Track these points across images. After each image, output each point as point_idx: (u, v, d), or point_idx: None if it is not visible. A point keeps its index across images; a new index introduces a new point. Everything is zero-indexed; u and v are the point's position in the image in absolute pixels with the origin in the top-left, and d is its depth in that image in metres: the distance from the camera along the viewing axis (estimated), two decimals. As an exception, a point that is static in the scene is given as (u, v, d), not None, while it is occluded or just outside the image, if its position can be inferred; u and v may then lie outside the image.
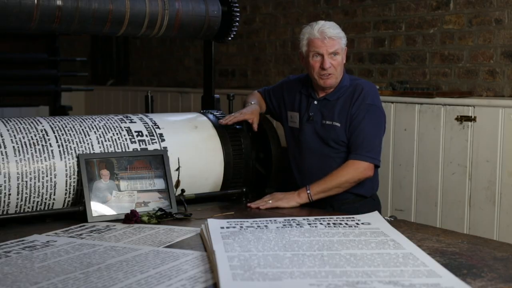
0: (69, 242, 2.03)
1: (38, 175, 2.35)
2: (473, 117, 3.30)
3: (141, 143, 2.60)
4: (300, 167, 2.87)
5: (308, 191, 2.66)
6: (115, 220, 2.37)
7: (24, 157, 2.34)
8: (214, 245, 1.84)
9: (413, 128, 3.54)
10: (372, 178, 2.87)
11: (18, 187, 2.32)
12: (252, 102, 2.98)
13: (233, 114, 2.90)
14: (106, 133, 2.56)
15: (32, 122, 2.47)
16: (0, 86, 4.22)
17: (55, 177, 2.39)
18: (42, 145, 2.40)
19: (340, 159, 2.78)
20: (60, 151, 2.42)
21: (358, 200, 2.83)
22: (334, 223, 2.18)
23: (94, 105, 6.40)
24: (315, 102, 2.84)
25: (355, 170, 2.68)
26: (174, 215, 2.42)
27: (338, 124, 2.76)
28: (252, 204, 2.63)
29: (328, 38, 2.72)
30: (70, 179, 2.42)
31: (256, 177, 2.95)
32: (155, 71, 6.11)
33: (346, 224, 2.18)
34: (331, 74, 2.74)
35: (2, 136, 2.36)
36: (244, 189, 2.82)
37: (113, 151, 2.53)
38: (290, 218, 2.27)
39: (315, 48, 2.74)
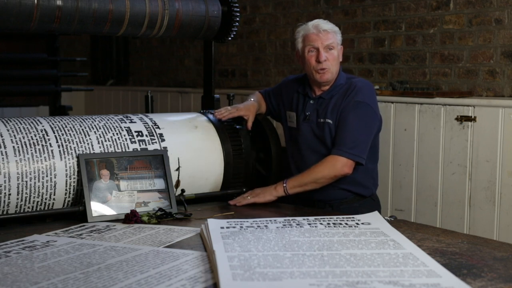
0: (69, 242, 2.03)
1: (38, 175, 2.35)
2: (473, 117, 3.30)
3: (141, 143, 2.60)
4: (299, 167, 2.87)
5: (285, 185, 2.68)
6: (115, 220, 2.37)
7: (24, 157, 2.35)
8: (214, 245, 1.84)
9: (413, 128, 3.54)
10: (372, 178, 2.87)
11: (18, 187, 2.32)
12: (251, 99, 2.98)
13: (228, 108, 2.90)
14: (106, 133, 2.56)
15: (32, 122, 2.47)
16: (0, 86, 4.22)
17: (55, 177, 2.39)
18: (42, 145, 2.40)
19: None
20: (60, 151, 2.42)
21: (358, 199, 2.83)
22: (334, 223, 2.18)
23: (94, 105, 6.40)
24: (311, 102, 2.83)
25: (332, 166, 2.66)
26: (174, 215, 2.42)
27: (331, 121, 2.75)
28: (231, 202, 2.68)
29: (323, 31, 2.73)
30: (70, 179, 2.42)
31: (256, 177, 2.95)
32: (155, 71, 6.11)
33: (346, 224, 2.18)
34: (326, 69, 2.74)
35: (2, 136, 2.36)
36: (244, 189, 2.82)
37: (113, 151, 2.53)
38: (290, 218, 2.27)
39: (310, 42, 2.74)
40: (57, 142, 2.44)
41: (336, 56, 2.76)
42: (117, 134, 2.58)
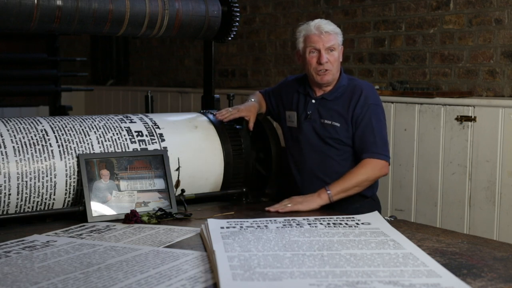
0: (69, 242, 2.03)
1: (38, 175, 2.35)
2: (473, 117, 3.30)
3: (141, 143, 2.60)
4: (299, 167, 2.87)
5: (329, 192, 2.60)
6: (115, 220, 2.37)
7: (24, 157, 2.34)
8: (214, 245, 1.84)
9: (413, 128, 3.54)
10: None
11: (18, 187, 2.31)
12: (252, 100, 2.98)
13: (229, 109, 2.89)
14: (106, 133, 2.56)
15: (32, 122, 2.47)
16: (0, 86, 4.22)
17: (55, 177, 2.39)
18: (42, 145, 2.40)
19: (340, 157, 2.78)
20: (60, 151, 2.42)
21: (358, 200, 2.83)
22: (334, 223, 2.18)
23: (94, 105, 6.40)
24: (313, 101, 2.83)
25: (373, 169, 2.67)
26: (174, 215, 2.42)
27: (338, 124, 2.76)
28: (270, 208, 2.56)
29: (325, 32, 2.73)
30: (70, 179, 2.42)
31: (256, 177, 2.95)
32: (155, 71, 6.12)
33: (346, 224, 2.18)
34: (328, 70, 2.74)
35: (2, 136, 2.36)
36: (244, 189, 2.82)
37: (113, 151, 2.53)
38: (290, 218, 2.27)
39: (312, 43, 2.74)
40: (57, 142, 2.44)
41: (337, 58, 2.76)
42: (117, 134, 2.58)
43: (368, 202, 2.84)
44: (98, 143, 2.52)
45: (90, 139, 2.51)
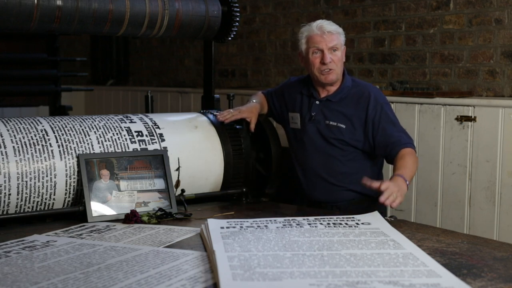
0: (69, 242, 2.03)
1: (38, 175, 2.35)
2: (473, 117, 3.30)
3: (141, 143, 2.60)
4: (304, 168, 2.86)
5: (407, 182, 2.46)
6: (115, 220, 2.37)
7: (24, 157, 2.35)
8: (214, 245, 1.84)
9: (413, 128, 3.54)
10: (378, 178, 2.87)
11: (18, 187, 2.32)
12: (254, 101, 2.98)
13: (231, 110, 2.89)
14: (106, 133, 2.56)
15: (32, 122, 2.47)
16: (0, 86, 4.22)
17: (55, 177, 2.39)
18: (42, 145, 2.40)
19: (344, 158, 2.77)
20: (60, 151, 2.42)
21: (365, 200, 2.81)
22: (334, 223, 2.18)
23: (94, 105, 6.40)
24: (317, 102, 2.83)
25: (414, 155, 2.65)
26: (174, 215, 2.42)
27: (343, 126, 2.76)
28: (384, 200, 2.34)
29: (327, 32, 2.72)
30: (70, 179, 2.42)
31: (256, 177, 2.95)
32: (155, 71, 6.11)
33: (346, 224, 2.18)
34: (331, 70, 2.74)
35: (2, 136, 2.36)
36: (244, 189, 2.82)
37: (113, 151, 2.53)
38: (290, 218, 2.27)
39: (314, 43, 2.74)
40: (57, 142, 2.44)
41: (340, 57, 2.76)
42: (117, 134, 2.58)
43: (374, 202, 2.82)
44: (98, 143, 2.52)
45: (90, 139, 2.51)
